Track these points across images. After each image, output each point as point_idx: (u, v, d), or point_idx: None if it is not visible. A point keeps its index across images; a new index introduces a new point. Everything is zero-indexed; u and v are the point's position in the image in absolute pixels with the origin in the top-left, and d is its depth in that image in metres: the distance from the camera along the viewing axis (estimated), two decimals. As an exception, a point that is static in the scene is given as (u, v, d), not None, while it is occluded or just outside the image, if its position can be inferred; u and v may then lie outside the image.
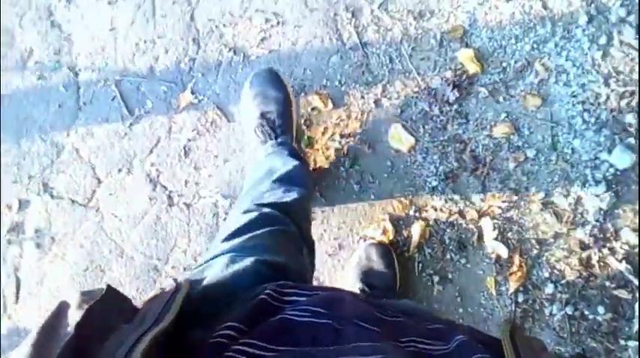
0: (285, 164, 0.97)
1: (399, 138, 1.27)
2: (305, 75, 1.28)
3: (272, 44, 1.28)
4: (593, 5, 1.25)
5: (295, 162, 0.98)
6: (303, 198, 0.91)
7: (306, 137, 1.26)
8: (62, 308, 0.36)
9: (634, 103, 1.23)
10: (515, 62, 1.26)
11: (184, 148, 1.29)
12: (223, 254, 0.63)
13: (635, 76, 1.24)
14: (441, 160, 1.27)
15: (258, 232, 0.71)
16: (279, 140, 1.06)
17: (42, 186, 1.31)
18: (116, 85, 1.29)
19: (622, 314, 1.22)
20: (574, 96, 1.25)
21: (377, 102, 1.28)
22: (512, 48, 1.26)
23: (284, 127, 1.09)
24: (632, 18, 1.24)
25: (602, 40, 1.24)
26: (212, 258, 0.64)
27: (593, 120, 1.24)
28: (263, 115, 1.08)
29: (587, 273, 1.23)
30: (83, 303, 0.35)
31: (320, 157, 1.26)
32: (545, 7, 1.26)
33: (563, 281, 1.24)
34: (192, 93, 1.28)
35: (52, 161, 1.31)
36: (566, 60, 1.25)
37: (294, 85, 1.26)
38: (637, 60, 1.24)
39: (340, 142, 1.28)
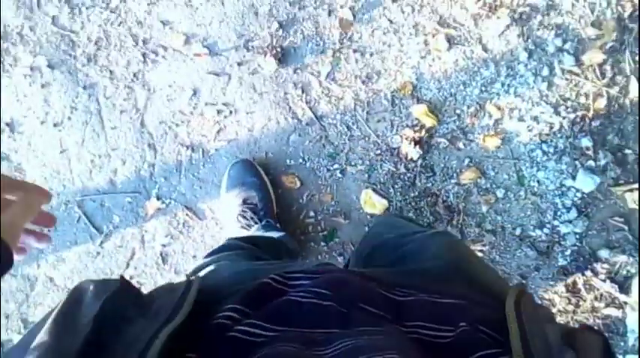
0: (271, 235, 1.02)
1: (372, 203, 1.28)
2: (268, 158, 1.27)
3: (229, 134, 1.28)
4: (530, 40, 1.29)
5: (282, 233, 1.04)
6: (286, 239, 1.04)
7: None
8: (78, 297, 0.36)
9: (586, 127, 1.28)
10: (468, 107, 1.29)
11: (161, 255, 1.27)
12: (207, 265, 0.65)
13: (582, 100, 1.28)
14: (416, 216, 1.28)
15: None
16: (263, 223, 1.09)
17: (21, 322, 1.26)
18: (78, 205, 1.26)
19: (615, 331, 1.26)
20: (530, 130, 1.28)
21: (343, 172, 1.28)
22: (462, 94, 1.29)
23: (266, 210, 1.13)
24: (569, 45, 1.28)
25: (545, 72, 1.28)
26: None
27: (552, 150, 1.28)
28: (244, 202, 1.11)
29: (576, 298, 1.27)
30: (100, 294, 0.35)
31: (297, 238, 1.26)
32: (485, 49, 1.29)
33: (554, 310, 1.27)
34: (158, 198, 1.26)
35: (26, 295, 1.27)
36: (515, 96, 1.29)
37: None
38: (580, 83, 1.28)
39: (316, 218, 1.28)
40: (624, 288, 1.25)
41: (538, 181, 1.28)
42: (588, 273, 1.27)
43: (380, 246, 0.75)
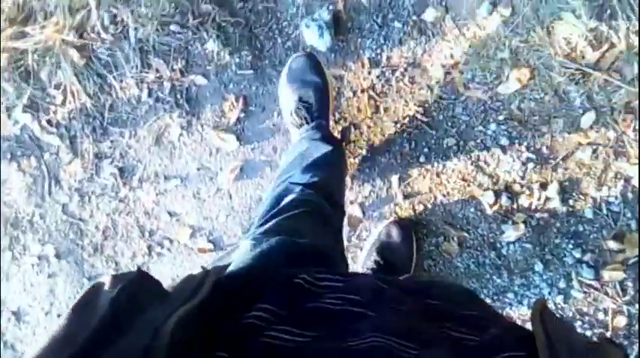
0: (317, 149, 0.98)
1: None
2: None
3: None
4: (546, 249, 1.23)
5: (328, 148, 0.98)
6: (333, 175, 0.98)
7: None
8: (96, 288, 0.37)
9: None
10: (478, 315, 1.23)
11: None
12: (248, 239, 0.65)
13: (601, 316, 1.22)
14: None
15: (285, 215, 0.75)
16: (314, 124, 1.06)
17: None
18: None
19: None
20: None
21: None
22: (472, 302, 1.24)
23: (320, 112, 1.09)
24: (588, 257, 1.22)
25: (562, 284, 1.22)
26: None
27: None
28: (301, 99, 1.08)
29: None
30: (117, 284, 0.36)
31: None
32: (498, 256, 1.24)
33: None
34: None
35: None
36: (529, 308, 1.23)
37: None
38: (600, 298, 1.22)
39: None
40: None
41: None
42: None
43: None
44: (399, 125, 1.22)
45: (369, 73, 1.22)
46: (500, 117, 1.19)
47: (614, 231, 1.21)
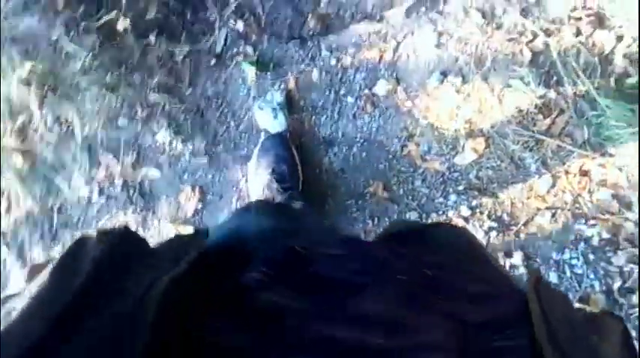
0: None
1: None
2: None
3: None
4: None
5: (305, 204, 1.00)
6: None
7: None
8: (80, 243, 0.35)
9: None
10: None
11: None
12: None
13: None
14: None
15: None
16: (287, 194, 1.07)
17: None
18: None
19: None
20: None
21: None
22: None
23: (292, 183, 1.11)
24: None
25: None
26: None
27: None
28: (274, 172, 1.09)
29: None
30: (102, 240, 0.34)
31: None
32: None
33: None
34: None
35: None
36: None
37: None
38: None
39: None
40: None
41: None
42: None
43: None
44: (360, 202, 1.21)
45: (326, 150, 1.21)
46: (460, 188, 1.19)
47: (579, 294, 1.23)
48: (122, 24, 1.12)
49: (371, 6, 1.22)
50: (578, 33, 1.17)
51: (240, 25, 1.20)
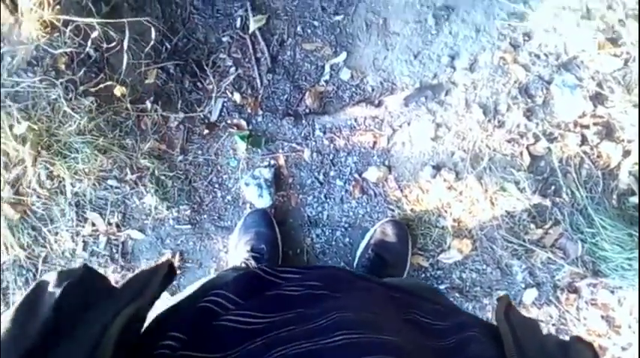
0: None
1: None
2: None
3: None
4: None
5: None
6: None
7: None
8: (40, 287, 0.35)
9: None
10: None
11: None
12: None
13: None
14: None
15: None
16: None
17: None
18: None
19: None
20: None
21: None
22: None
23: (270, 263, 1.09)
24: None
25: None
26: None
27: None
28: (252, 249, 1.08)
29: None
30: (62, 281, 0.34)
31: None
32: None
33: None
34: None
35: None
36: None
37: None
38: None
39: None
40: None
41: None
42: None
43: None
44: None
45: (310, 231, 1.19)
46: (442, 287, 1.15)
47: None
48: (119, 90, 1.13)
49: (371, 89, 1.20)
50: (584, 142, 1.11)
51: (237, 97, 1.20)
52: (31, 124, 1.11)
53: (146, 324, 0.38)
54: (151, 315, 0.40)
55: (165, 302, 0.49)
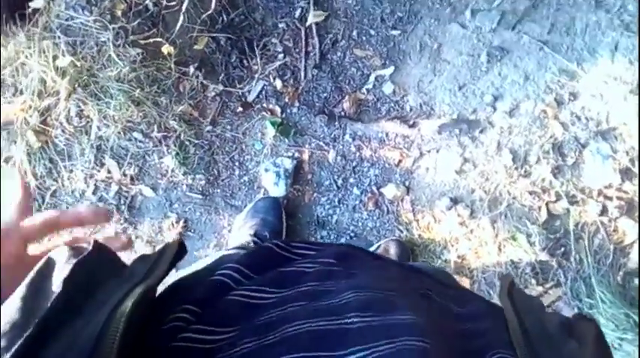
0: None
1: None
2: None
3: None
4: None
5: None
6: None
7: None
8: (50, 264, 0.34)
9: None
10: None
11: None
12: None
13: None
14: None
15: None
16: None
17: None
18: None
19: None
20: None
21: None
22: None
23: None
24: None
25: None
26: None
27: None
28: (255, 234, 1.08)
29: None
30: (71, 258, 0.34)
31: None
32: None
33: None
34: None
35: None
36: None
37: None
38: None
39: None
40: None
41: None
42: None
43: None
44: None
45: (315, 230, 1.20)
46: (429, 317, 1.15)
47: None
48: (167, 48, 1.14)
49: (409, 108, 1.20)
50: (604, 212, 1.11)
51: (278, 83, 1.20)
52: (75, 60, 1.12)
53: (160, 290, 0.39)
54: (160, 288, 0.40)
55: (172, 277, 0.50)
